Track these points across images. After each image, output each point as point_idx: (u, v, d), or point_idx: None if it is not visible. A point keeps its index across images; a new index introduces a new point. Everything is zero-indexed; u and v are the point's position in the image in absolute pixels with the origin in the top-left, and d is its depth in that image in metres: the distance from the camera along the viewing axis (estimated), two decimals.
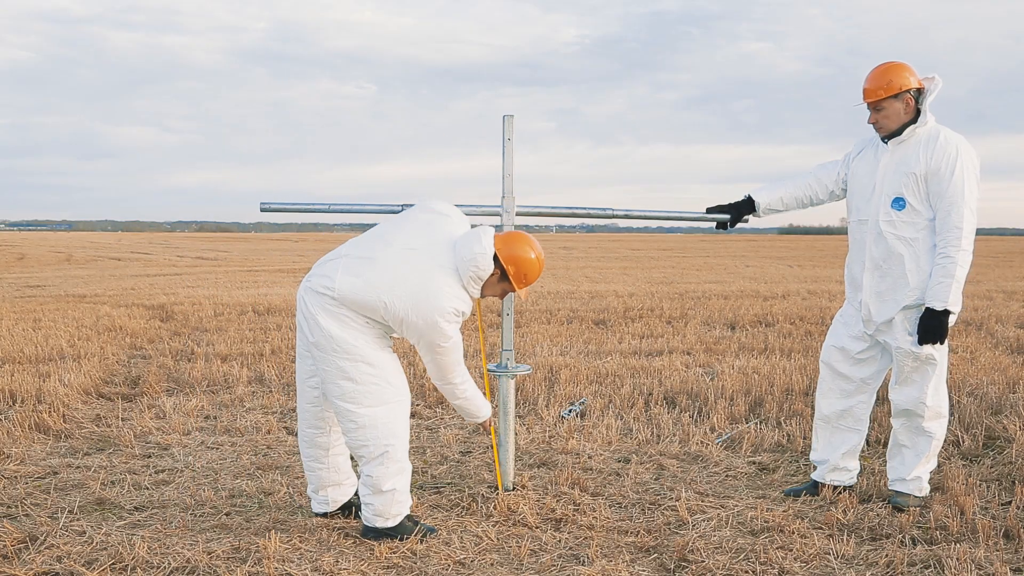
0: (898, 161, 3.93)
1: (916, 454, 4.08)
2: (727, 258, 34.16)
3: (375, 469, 3.58)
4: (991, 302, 13.45)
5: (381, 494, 3.60)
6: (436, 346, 3.55)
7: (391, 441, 3.57)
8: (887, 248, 3.94)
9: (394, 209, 4.39)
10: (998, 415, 5.63)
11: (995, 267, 27.23)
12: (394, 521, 3.65)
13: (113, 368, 7.46)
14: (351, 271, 3.50)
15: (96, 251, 39.45)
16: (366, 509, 3.66)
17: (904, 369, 4.01)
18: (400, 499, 3.64)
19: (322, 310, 3.50)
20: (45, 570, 3.31)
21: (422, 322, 3.46)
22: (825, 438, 4.30)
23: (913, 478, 4.09)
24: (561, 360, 7.75)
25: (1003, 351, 8.42)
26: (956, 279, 3.79)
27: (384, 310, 3.46)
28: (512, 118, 4.21)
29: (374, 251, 3.55)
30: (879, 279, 4.00)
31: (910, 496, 4.08)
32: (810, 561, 3.45)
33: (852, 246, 4.16)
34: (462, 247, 3.54)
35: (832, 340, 4.25)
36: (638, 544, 3.63)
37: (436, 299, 3.45)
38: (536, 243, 3.69)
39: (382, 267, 3.48)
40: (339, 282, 3.48)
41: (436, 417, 5.96)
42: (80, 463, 4.75)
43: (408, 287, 3.44)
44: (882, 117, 3.92)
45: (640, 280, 19.29)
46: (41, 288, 16.65)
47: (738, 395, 6.26)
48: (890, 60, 3.97)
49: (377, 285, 3.45)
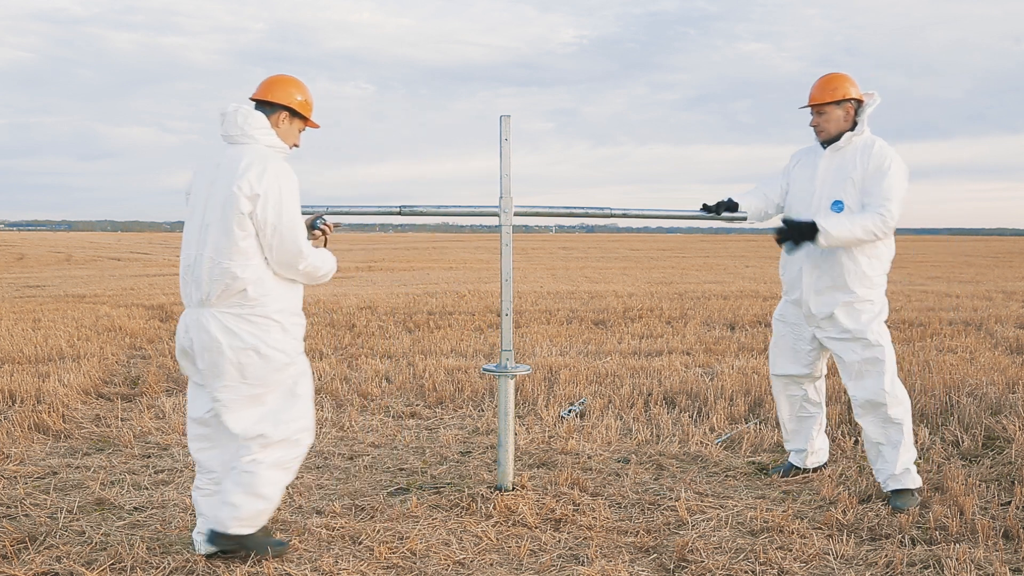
0: (836, 167, 4.17)
1: (893, 446, 4.15)
2: (727, 258, 34.16)
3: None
4: (991, 302, 13.45)
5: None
6: (292, 238, 3.20)
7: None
8: (827, 250, 4.14)
9: (392, 209, 4.42)
10: (997, 415, 5.63)
11: (995, 267, 27.25)
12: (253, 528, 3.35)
13: (113, 368, 7.45)
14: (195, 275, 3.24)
15: (96, 251, 39.43)
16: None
17: (853, 362, 4.16)
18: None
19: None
20: (44, 570, 3.31)
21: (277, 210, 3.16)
22: (793, 429, 4.58)
23: (902, 471, 4.13)
24: (561, 360, 7.75)
25: (1003, 351, 8.43)
26: (853, 230, 3.98)
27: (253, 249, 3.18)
28: (509, 118, 4.21)
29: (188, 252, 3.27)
30: (817, 277, 4.21)
31: (907, 493, 4.10)
32: (810, 561, 3.45)
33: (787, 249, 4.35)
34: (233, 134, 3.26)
35: (778, 360, 4.52)
36: (638, 544, 3.63)
37: (273, 180, 3.15)
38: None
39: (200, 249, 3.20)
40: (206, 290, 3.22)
41: (436, 417, 5.96)
42: (80, 463, 4.75)
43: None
44: (823, 121, 4.18)
45: (640, 280, 19.29)
46: (41, 288, 16.65)
47: (738, 395, 6.26)
48: (836, 71, 4.24)
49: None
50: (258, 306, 3.23)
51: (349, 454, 5.02)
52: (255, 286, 3.20)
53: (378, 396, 6.49)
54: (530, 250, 43.13)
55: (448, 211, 4.52)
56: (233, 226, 3.14)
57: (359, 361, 7.80)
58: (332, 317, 10.97)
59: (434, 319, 10.95)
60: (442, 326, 10.32)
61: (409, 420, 5.88)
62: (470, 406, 6.24)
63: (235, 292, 3.19)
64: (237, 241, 3.16)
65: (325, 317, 11.00)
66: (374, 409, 6.12)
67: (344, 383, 6.83)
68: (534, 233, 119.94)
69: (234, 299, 3.20)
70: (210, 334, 3.21)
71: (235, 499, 3.25)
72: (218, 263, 3.16)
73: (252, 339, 3.22)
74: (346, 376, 7.13)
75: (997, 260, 33.35)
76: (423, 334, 9.62)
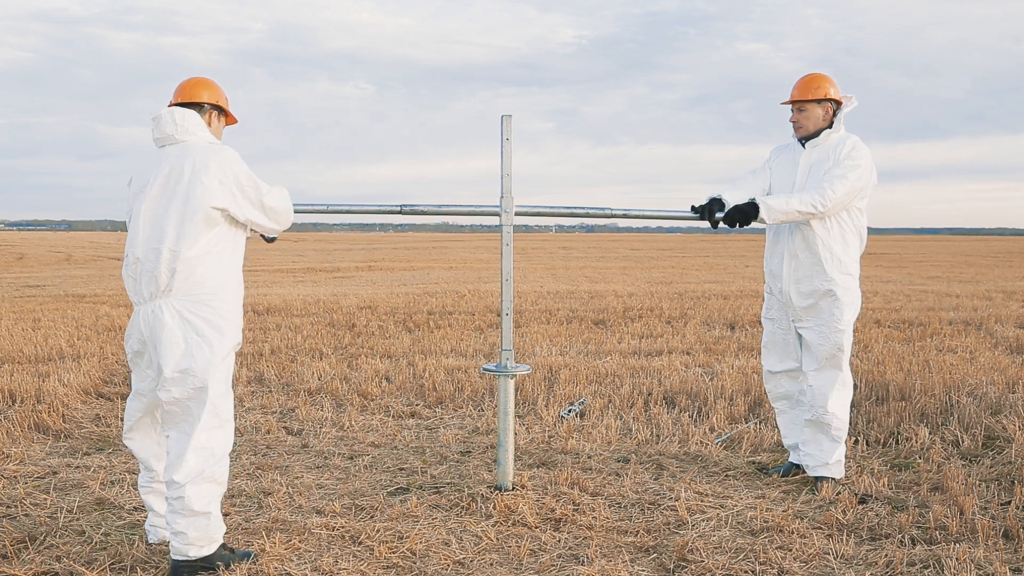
0: (814, 162, 4.38)
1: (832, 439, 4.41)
2: (727, 258, 34.16)
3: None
4: (991, 302, 13.45)
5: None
6: (253, 187, 3.38)
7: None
8: (803, 239, 4.35)
9: (393, 209, 4.42)
10: (997, 415, 5.63)
11: (995, 267, 27.24)
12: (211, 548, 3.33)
13: (112, 368, 7.45)
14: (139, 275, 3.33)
15: (95, 251, 39.44)
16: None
17: (821, 354, 4.35)
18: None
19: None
20: (44, 570, 3.31)
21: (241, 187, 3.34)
22: (788, 422, 4.69)
23: (835, 461, 4.40)
24: (561, 360, 7.75)
25: (1002, 351, 8.42)
26: (790, 202, 4.19)
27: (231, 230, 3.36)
28: (510, 118, 4.21)
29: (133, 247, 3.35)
30: (796, 268, 4.40)
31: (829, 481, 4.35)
32: (809, 561, 3.45)
33: (770, 240, 4.58)
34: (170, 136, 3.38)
35: (770, 358, 4.64)
36: (637, 544, 3.63)
37: (221, 170, 3.30)
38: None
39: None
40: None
41: (436, 417, 5.96)
42: (79, 463, 4.75)
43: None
44: (803, 118, 4.39)
45: (640, 280, 19.29)
46: (40, 288, 16.65)
47: (737, 395, 6.26)
48: (818, 71, 4.44)
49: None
50: (214, 297, 3.32)
51: (349, 454, 5.02)
52: (206, 270, 3.30)
53: (378, 396, 6.49)
54: (530, 250, 43.14)
55: (449, 210, 4.53)
56: (198, 218, 3.26)
57: (359, 361, 7.81)
58: (332, 317, 10.96)
59: (434, 319, 10.95)
60: (442, 326, 10.32)
61: (409, 420, 5.88)
62: (470, 406, 6.24)
63: (193, 282, 3.27)
64: (200, 233, 3.27)
65: (325, 317, 11.01)
66: (374, 409, 6.12)
67: (344, 383, 6.83)
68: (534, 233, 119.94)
69: (192, 289, 3.28)
70: (165, 325, 3.26)
71: (179, 526, 3.26)
72: (178, 253, 3.25)
73: (205, 326, 3.29)
74: (346, 376, 7.13)
75: (997, 260, 33.34)
76: (423, 334, 9.62)
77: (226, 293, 3.35)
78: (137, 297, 3.33)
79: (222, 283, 3.34)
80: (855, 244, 4.39)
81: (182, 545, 3.25)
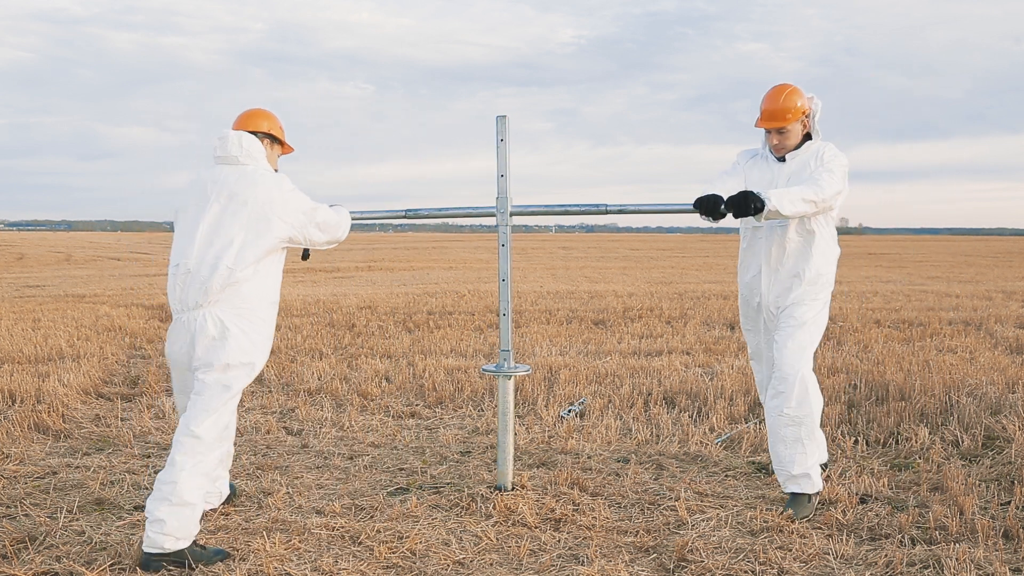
0: (795, 171, 4.24)
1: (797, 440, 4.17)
2: (727, 258, 34.16)
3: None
4: (991, 302, 13.45)
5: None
6: (310, 211, 3.64)
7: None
8: (782, 248, 4.24)
9: (398, 214, 4.47)
10: (997, 415, 5.63)
11: (995, 267, 27.24)
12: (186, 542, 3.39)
13: (112, 368, 7.46)
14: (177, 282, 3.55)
15: (95, 251, 39.44)
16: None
17: (783, 328, 4.19)
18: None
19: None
20: (44, 570, 3.31)
21: (291, 211, 3.57)
22: None
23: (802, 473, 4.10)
24: (560, 360, 7.75)
25: (1002, 351, 8.42)
26: (792, 191, 3.94)
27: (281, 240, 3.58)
28: (506, 119, 4.21)
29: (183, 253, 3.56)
30: (773, 276, 4.28)
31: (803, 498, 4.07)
32: (809, 561, 3.45)
33: (748, 249, 4.41)
34: (235, 157, 3.62)
35: (760, 365, 4.56)
36: (637, 544, 3.63)
37: (274, 193, 3.55)
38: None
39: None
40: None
41: (436, 417, 5.96)
42: (79, 463, 4.75)
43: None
44: (784, 139, 4.22)
45: (639, 280, 19.29)
46: (40, 288, 16.65)
47: (737, 395, 6.26)
48: (781, 84, 4.21)
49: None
50: (253, 313, 3.54)
51: (349, 454, 5.02)
52: (252, 286, 3.52)
53: (378, 396, 6.49)
54: (530, 250, 43.14)
55: (449, 213, 4.57)
56: (261, 245, 3.49)
57: (359, 361, 7.81)
58: (332, 317, 10.97)
59: (434, 319, 10.95)
60: (442, 326, 10.32)
61: (409, 420, 5.88)
62: (470, 406, 6.24)
63: (240, 296, 3.49)
64: (259, 257, 3.50)
65: (325, 317, 11.01)
66: (374, 409, 6.12)
67: (344, 383, 6.83)
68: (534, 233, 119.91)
69: (236, 302, 3.49)
70: (207, 331, 3.46)
71: (160, 513, 3.30)
72: (234, 271, 3.45)
73: (241, 335, 3.49)
74: (346, 376, 7.13)
75: (997, 260, 33.34)
76: (423, 334, 9.62)
77: (263, 310, 3.56)
78: (181, 305, 3.51)
79: (263, 298, 3.56)
80: (832, 256, 4.27)
81: (158, 535, 3.29)
